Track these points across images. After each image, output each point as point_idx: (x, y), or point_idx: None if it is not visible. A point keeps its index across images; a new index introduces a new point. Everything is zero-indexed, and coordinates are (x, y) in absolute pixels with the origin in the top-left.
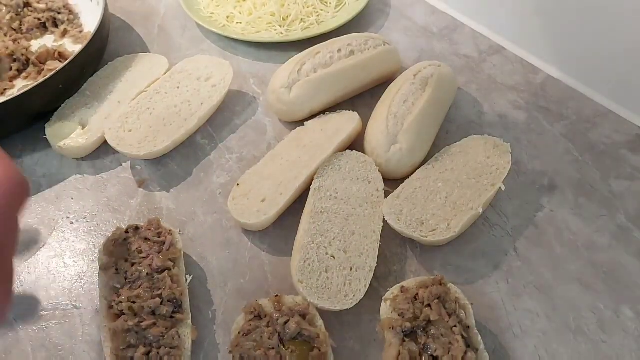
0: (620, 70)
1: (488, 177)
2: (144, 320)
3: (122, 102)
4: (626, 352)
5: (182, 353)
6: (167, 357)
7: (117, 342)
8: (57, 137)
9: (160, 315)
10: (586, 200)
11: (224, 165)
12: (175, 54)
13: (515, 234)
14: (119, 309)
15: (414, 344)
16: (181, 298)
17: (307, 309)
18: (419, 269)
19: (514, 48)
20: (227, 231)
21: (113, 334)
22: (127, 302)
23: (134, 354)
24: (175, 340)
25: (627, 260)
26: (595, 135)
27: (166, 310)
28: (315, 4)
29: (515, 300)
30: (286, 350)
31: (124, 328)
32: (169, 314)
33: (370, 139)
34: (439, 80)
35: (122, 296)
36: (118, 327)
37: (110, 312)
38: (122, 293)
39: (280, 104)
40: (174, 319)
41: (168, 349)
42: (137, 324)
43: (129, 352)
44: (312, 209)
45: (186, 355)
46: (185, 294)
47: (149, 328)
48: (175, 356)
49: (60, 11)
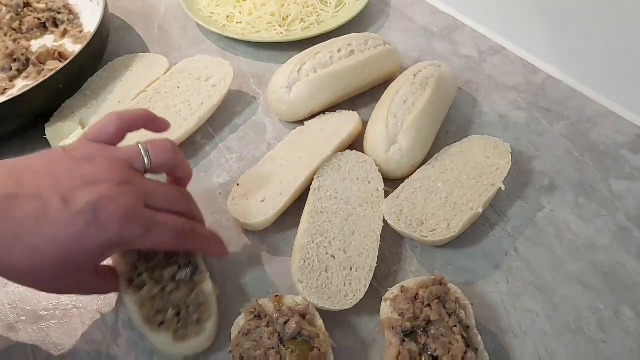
0: (620, 70)
1: (488, 177)
2: (167, 286)
3: (122, 102)
4: (626, 352)
5: (210, 308)
6: (196, 314)
7: (146, 310)
8: (57, 138)
9: (181, 280)
10: (586, 200)
11: (224, 165)
12: (175, 54)
13: (515, 234)
14: (141, 281)
15: (414, 344)
16: (196, 262)
17: (307, 309)
18: (419, 269)
19: (514, 48)
20: (227, 231)
21: (140, 304)
22: (148, 273)
23: (164, 318)
24: (201, 297)
25: (627, 260)
26: (595, 135)
27: (185, 274)
28: (315, 4)
29: (515, 300)
30: (286, 350)
31: (150, 296)
32: (188, 277)
33: (370, 139)
34: (439, 81)
35: (140, 269)
36: (144, 296)
37: (131, 288)
38: (140, 266)
39: (280, 104)
40: (194, 281)
41: (196, 306)
42: (161, 290)
43: (158, 317)
44: (312, 208)
45: (213, 311)
46: (199, 257)
47: (174, 292)
48: (203, 312)
49: (60, 11)
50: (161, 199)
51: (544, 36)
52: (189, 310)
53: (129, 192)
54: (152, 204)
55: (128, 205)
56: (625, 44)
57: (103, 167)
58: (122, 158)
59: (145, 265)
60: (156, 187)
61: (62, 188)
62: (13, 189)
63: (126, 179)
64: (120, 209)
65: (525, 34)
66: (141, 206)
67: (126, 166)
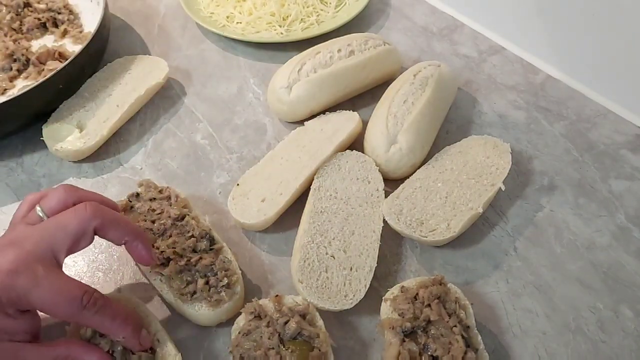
0: (620, 70)
1: (488, 177)
2: (191, 258)
3: (121, 106)
4: (626, 352)
5: (235, 272)
6: (225, 279)
7: (176, 285)
8: (53, 139)
9: (202, 251)
10: (586, 200)
11: (223, 165)
12: (175, 54)
13: (515, 234)
14: (164, 257)
15: (414, 344)
16: (211, 233)
17: (307, 309)
18: (419, 269)
19: (514, 48)
20: (227, 231)
21: (169, 280)
22: (169, 249)
23: (195, 288)
24: (226, 263)
25: (626, 260)
26: (595, 135)
27: (204, 244)
28: (315, 4)
29: (515, 300)
30: (286, 350)
31: (177, 270)
32: (207, 247)
33: (370, 139)
34: (439, 80)
35: (160, 247)
36: (172, 271)
37: (156, 266)
38: (159, 245)
39: (280, 104)
40: (213, 251)
41: (223, 272)
42: (187, 262)
43: (189, 288)
44: (311, 208)
45: (239, 274)
46: (212, 229)
47: (198, 262)
48: (231, 276)
49: (60, 11)
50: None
51: (543, 36)
52: (217, 276)
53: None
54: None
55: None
56: (625, 44)
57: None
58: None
59: (164, 242)
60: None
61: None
62: None
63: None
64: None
65: (525, 34)
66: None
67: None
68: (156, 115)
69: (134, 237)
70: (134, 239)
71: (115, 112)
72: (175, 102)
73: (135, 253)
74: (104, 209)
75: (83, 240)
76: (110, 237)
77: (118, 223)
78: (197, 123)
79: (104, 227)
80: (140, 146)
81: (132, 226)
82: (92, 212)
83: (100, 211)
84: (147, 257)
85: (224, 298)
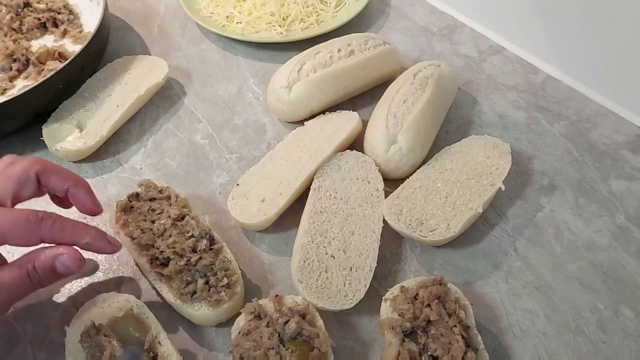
0: (620, 70)
1: (488, 177)
2: (191, 258)
3: (121, 106)
4: (626, 352)
5: (235, 272)
6: (225, 279)
7: (176, 285)
8: (53, 139)
9: (202, 251)
10: (586, 200)
11: (223, 165)
12: (175, 54)
13: (515, 234)
14: (164, 257)
15: (413, 344)
16: (211, 233)
17: (307, 309)
18: (418, 269)
19: (514, 48)
20: (226, 231)
21: (169, 280)
22: (169, 249)
23: (195, 288)
24: (226, 263)
25: (626, 260)
26: (595, 135)
27: (204, 244)
28: (315, 4)
29: (515, 301)
30: (286, 350)
31: (176, 270)
32: (207, 247)
33: (370, 139)
34: (439, 80)
35: (160, 247)
36: (172, 270)
37: (155, 266)
38: (159, 245)
39: (280, 103)
40: (213, 251)
41: (223, 272)
42: (187, 262)
43: (189, 288)
44: (311, 208)
45: (238, 274)
46: (212, 229)
47: (198, 262)
48: (231, 276)
49: (60, 11)
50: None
51: (543, 36)
52: (217, 276)
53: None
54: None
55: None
56: (624, 44)
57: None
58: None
59: (164, 242)
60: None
61: None
62: None
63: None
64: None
65: (525, 33)
66: None
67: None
68: (156, 115)
69: (75, 183)
70: (75, 186)
71: (115, 112)
72: (175, 102)
73: (78, 202)
74: (46, 160)
75: (27, 186)
76: (53, 184)
77: (59, 170)
78: (196, 123)
79: (45, 172)
80: (140, 146)
81: (73, 175)
82: (34, 159)
83: (41, 160)
84: (90, 205)
85: (223, 298)
